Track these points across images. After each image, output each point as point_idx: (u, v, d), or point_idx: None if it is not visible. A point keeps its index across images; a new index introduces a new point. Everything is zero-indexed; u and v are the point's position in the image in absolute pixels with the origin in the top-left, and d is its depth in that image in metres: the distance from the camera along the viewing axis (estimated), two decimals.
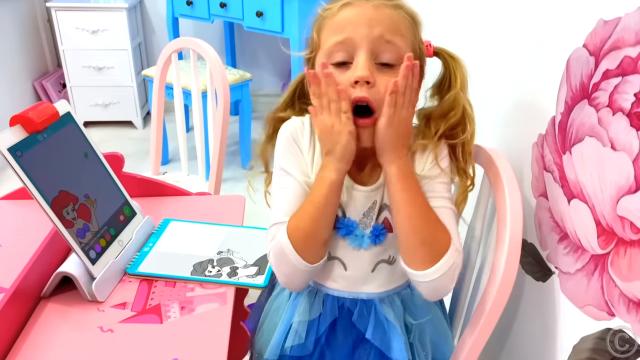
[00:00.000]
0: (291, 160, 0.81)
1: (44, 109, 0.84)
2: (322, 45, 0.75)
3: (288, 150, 0.82)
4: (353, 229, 0.80)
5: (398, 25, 0.72)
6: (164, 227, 1.07)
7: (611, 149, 0.65)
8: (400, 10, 0.73)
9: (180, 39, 1.71)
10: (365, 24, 0.71)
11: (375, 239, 0.80)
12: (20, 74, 3.03)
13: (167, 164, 2.81)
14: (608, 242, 0.67)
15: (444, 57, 0.80)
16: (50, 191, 0.82)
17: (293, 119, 0.84)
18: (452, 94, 0.78)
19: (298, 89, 0.88)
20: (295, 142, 0.82)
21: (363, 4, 0.73)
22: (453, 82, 0.78)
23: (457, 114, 0.78)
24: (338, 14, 0.73)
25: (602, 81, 0.67)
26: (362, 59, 0.71)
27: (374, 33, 0.71)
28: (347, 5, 0.73)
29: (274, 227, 0.79)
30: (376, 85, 0.71)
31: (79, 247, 0.84)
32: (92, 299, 0.85)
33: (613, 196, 0.65)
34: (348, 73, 0.72)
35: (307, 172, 0.81)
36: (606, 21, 0.67)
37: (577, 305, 0.74)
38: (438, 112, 0.79)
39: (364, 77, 0.70)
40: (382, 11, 0.72)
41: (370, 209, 0.80)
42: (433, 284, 0.74)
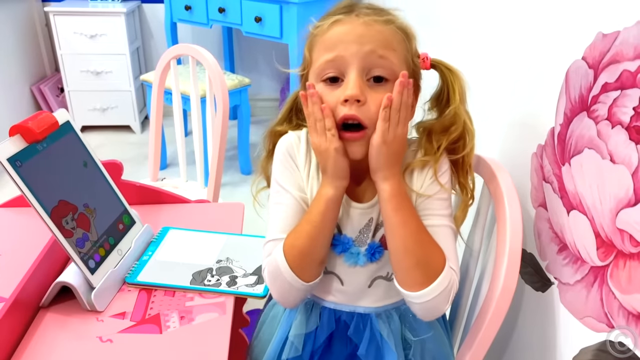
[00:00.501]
0: (287, 176, 0.81)
1: (43, 118, 0.84)
2: (313, 62, 0.75)
3: (284, 166, 0.81)
4: (349, 247, 0.80)
5: (390, 41, 0.72)
6: (162, 236, 1.07)
7: (610, 162, 0.66)
8: (391, 25, 0.72)
9: (179, 46, 1.71)
10: (356, 41, 0.70)
11: (371, 256, 0.80)
12: (18, 78, 3.02)
13: (166, 169, 2.81)
14: (607, 254, 0.67)
15: (441, 69, 0.79)
16: (49, 201, 0.82)
17: (289, 133, 0.84)
18: (452, 108, 0.77)
19: (295, 105, 0.88)
20: (291, 157, 0.82)
21: (353, 20, 0.72)
22: (452, 96, 0.77)
23: (458, 128, 0.77)
24: (328, 32, 0.73)
25: (601, 94, 0.68)
26: (352, 77, 0.70)
27: (364, 49, 0.70)
28: (337, 22, 0.73)
29: (270, 244, 0.79)
30: (367, 103, 0.71)
31: (78, 256, 0.84)
32: (91, 308, 0.85)
33: (612, 209, 0.66)
34: (338, 91, 0.72)
35: (303, 188, 0.81)
36: (605, 34, 0.67)
37: (576, 316, 0.75)
38: (439, 127, 0.79)
39: (354, 96, 0.70)
40: (372, 27, 0.71)
41: (367, 226, 0.80)
42: (427, 305, 0.73)
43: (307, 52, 0.77)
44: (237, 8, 2.56)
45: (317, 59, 0.74)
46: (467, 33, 1.21)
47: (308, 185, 0.81)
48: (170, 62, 1.67)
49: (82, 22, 2.98)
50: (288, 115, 0.88)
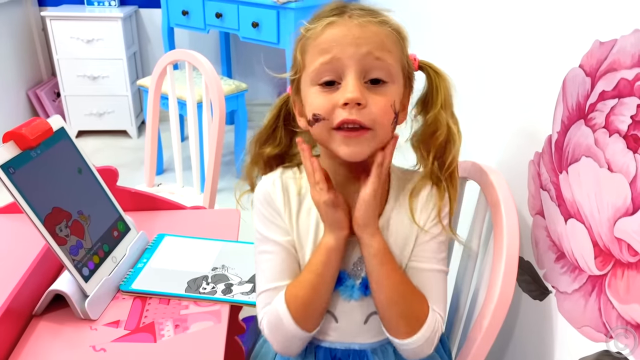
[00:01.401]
0: (267, 225, 0.80)
1: (37, 124, 0.83)
2: (307, 66, 0.72)
3: (263, 216, 0.81)
4: (344, 280, 0.78)
5: (385, 42, 0.70)
6: (158, 243, 1.06)
7: (608, 170, 0.65)
8: (386, 26, 0.71)
9: (175, 51, 1.71)
10: (352, 42, 0.68)
11: (365, 290, 0.78)
12: (14, 83, 3.01)
13: (162, 174, 2.80)
14: (605, 263, 0.67)
15: (428, 72, 0.77)
16: (43, 208, 0.81)
17: (263, 180, 0.83)
18: (431, 114, 0.75)
19: (282, 111, 0.84)
20: (269, 205, 0.80)
21: (347, 22, 0.70)
22: (435, 100, 0.75)
23: (442, 133, 0.75)
24: (322, 34, 0.70)
25: (599, 102, 0.67)
26: (351, 79, 0.68)
27: (361, 51, 0.68)
28: (331, 24, 0.70)
29: (264, 295, 0.79)
30: (368, 106, 0.68)
31: (71, 264, 0.83)
32: (85, 317, 0.84)
33: (610, 217, 0.65)
34: (337, 94, 0.69)
35: (288, 231, 0.80)
36: (602, 42, 0.67)
37: (574, 325, 0.74)
38: (424, 135, 0.77)
39: (354, 99, 0.67)
40: (368, 29, 0.69)
41: (360, 258, 0.78)
42: (412, 350, 0.76)
43: (299, 55, 0.74)
44: (234, 13, 2.56)
45: (311, 62, 0.71)
46: (463, 40, 1.21)
47: (293, 227, 0.79)
48: (167, 67, 1.66)
49: (78, 27, 2.97)
50: (274, 123, 0.84)
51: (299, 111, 0.78)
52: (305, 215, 0.80)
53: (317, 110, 0.70)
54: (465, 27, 1.20)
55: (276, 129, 0.84)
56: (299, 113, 0.79)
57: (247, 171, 0.86)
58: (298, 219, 0.79)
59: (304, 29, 0.73)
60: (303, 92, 0.74)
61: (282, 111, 0.84)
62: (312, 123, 0.72)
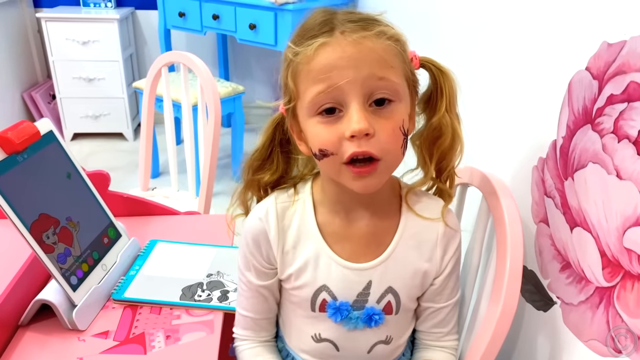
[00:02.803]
0: (246, 264, 0.78)
1: (24, 128, 0.80)
2: (301, 95, 0.66)
3: (244, 254, 0.78)
4: (347, 312, 0.75)
5: (386, 58, 0.63)
6: (150, 249, 1.03)
7: (617, 178, 0.63)
8: (383, 38, 0.63)
9: (171, 53, 1.68)
10: (350, 65, 0.61)
11: (369, 321, 0.75)
12: (9, 84, 2.98)
13: (158, 177, 2.78)
14: (614, 274, 0.64)
15: (431, 69, 0.71)
16: (29, 215, 0.78)
17: (256, 210, 0.77)
18: (436, 119, 0.71)
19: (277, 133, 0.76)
20: (254, 244, 0.76)
21: (341, 41, 0.62)
22: (439, 103, 0.71)
23: (447, 138, 0.71)
24: (315, 58, 0.63)
25: (607, 106, 0.65)
26: (354, 108, 0.62)
27: (362, 74, 0.61)
28: (323, 46, 0.62)
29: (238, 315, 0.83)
30: (376, 134, 0.62)
31: (59, 273, 0.80)
32: (73, 327, 0.81)
33: (619, 227, 0.62)
34: (341, 125, 0.63)
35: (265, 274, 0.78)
36: (610, 44, 0.64)
37: (580, 338, 0.71)
38: (428, 139, 0.73)
39: (362, 131, 0.61)
40: (364, 46, 0.62)
41: (365, 288, 0.74)
42: None
43: (291, 83, 0.66)
44: (232, 15, 2.54)
45: (306, 91, 0.64)
46: (466, 42, 1.18)
47: (287, 260, 0.76)
48: (162, 69, 1.64)
49: (74, 29, 2.95)
50: (269, 146, 0.77)
51: (297, 136, 0.72)
52: (303, 243, 0.75)
53: (323, 146, 0.64)
54: (467, 28, 1.18)
55: (272, 153, 0.77)
56: (298, 138, 0.72)
57: (240, 197, 0.81)
58: (295, 251, 0.75)
59: (292, 53, 0.65)
60: (302, 121, 0.68)
61: (277, 133, 0.77)
62: (319, 157, 0.66)
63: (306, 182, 0.78)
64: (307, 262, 0.75)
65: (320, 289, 0.75)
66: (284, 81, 0.69)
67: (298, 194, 0.77)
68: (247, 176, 0.79)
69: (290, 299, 0.79)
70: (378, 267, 0.74)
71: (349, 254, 0.74)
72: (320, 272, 0.74)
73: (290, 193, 0.77)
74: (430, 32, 1.41)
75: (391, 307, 0.76)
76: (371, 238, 0.74)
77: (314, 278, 0.74)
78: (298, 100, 0.67)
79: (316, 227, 0.74)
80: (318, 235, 0.74)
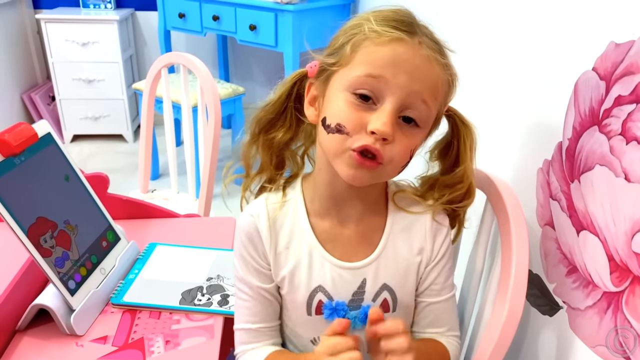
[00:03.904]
0: (246, 266, 0.76)
1: (21, 130, 0.79)
2: (351, 65, 0.65)
3: (242, 256, 0.76)
4: (344, 312, 0.73)
5: (438, 89, 0.65)
6: (149, 252, 1.02)
7: (625, 180, 0.61)
8: (447, 72, 0.66)
9: (170, 54, 1.67)
10: (409, 72, 0.62)
11: (365, 319, 0.72)
12: (8, 86, 2.97)
13: (158, 179, 2.76)
14: (622, 279, 0.63)
15: (454, 121, 0.73)
16: (26, 218, 0.77)
17: (247, 210, 0.76)
18: (462, 168, 0.73)
19: (295, 89, 0.74)
20: (251, 245, 0.75)
21: (417, 48, 0.63)
22: (462, 154, 0.73)
23: (465, 186, 0.73)
24: (386, 45, 0.63)
25: (614, 107, 0.64)
26: (387, 110, 0.62)
27: (413, 87, 0.62)
28: (400, 41, 0.63)
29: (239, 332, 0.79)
30: (393, 143, 0.63)
31: (57, 277, 0.79)
32: (71, 332, 0.80)
33: (627, 230, 0.61)
34: (369, 115, 0.63)
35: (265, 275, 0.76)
36: (618, 44, 0.63)
37: (587, 344, 0.70)
38: (445, 182, 0.75)
39: (385, 134, 0.62)
40: (431, 66, 0.63)
41: (360, 287, 0.73)
42: None
43: (348, 47, 0.65)
44: (232, 16, 2.53)
45: (358, 65, 0.64)
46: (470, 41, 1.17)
47: (280, 264, 0.75)
48: (162, 70, 1.63)
49: (74, 30, 2.94)
50: (285, 102, 0.75)
51: (310, 99, 0.71)
52: (296, 243, 0.74)
53: (344, 122, 0.64)
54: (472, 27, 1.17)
55: (286, 109, 0.75)
56: (310, 101, 0.71)
57: (243, 151, 0.78)
58: (288, 251, 0.74)
59: (369, 27, 0.64)
60: (332, 89, 0.67)
61: (295, 89, 0.74)
62: (331, 131, 0.65)
63: (295, 183, 0.78)
64: (300, 262, 0.74)
65: (315, 289, 0.74)
66: (339, 42, 0.67)
67: (287, 195, 0.77)
68: (255, 130, 0.77)
69: (287, 305, 0.78)
70: (371, 265, 0.74)
71: (341, 254, 0.74)
72: (314, 272, 0.74)
73: (279, 195, 0.77)
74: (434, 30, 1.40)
75: (388, 305, 0.75)
76: (361, 237, 0.74)
77: (308, 279, 0.74)
78: (344, 67, 0.66)
79: (309, 226, 0.74)
80: (311, 235, 0.74)
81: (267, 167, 0.78)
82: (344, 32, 0.67)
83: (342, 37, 0.67)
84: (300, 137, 0.78)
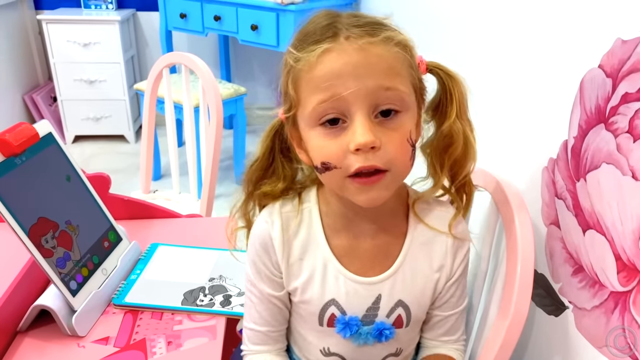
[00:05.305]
0: (258, 274, 0.74)
1: (22, 130, 0.79)
2: (302, 103, 0.62)
3: (254, 263, 0.74)
4: (357, 327, 0.72)
5: (393, 66, 0.60)
6: (151, 253, 1.01)
7: (632, 179, 0.61)
8: (390, 44, 0.60)
9: (172, 54, 1.67)
10: (354, 74, 0.58)
11: (380, 336, 0.72)
12: (10, 87, 2.97)
13: (160, 179, 2.76)
14: (630, 279, 0.62)
15: (439, 74, 0.68)
16: (28, 218, 0.77)
17: (261, 217, 0.74)
18: (446, 125, 0.67)
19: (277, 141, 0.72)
20: (265, 253, 0.73)
21: (346, 47, 0.58)
22: (449, 109, 0.67)
23: (459, 146, 0.68)
24: (317, 66, 0.59)
25: (621, 105, 0.63)
26: (359, 120, 0.58)
27: (368, 85, 0.58)
28: (326, 52, 0.59)
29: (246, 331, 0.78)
30: (383, 146, 0.59)
31: (58, 277, 0.79)
32: (72, 333, 0.80)
33: (635, 229, 0.60)
34: (345, 137, 0.60)
35: (277, 283, 0.74)
36: (625, 41, 0.62)
37: (594, 345, 0.69)
38: (439, 147, 0.70)
39: (368, 144, 0.58)
40: (370, 52, 0.58)
41: (375, 302, 0.72)
42: None
43: (291, 90, 0.63)
44: (233, 16, 2.53)
45: (307, 99, 0.61)
46: (473, 38, 1.16)
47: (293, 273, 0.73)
48: (163, 70, 1.62)
49: (75, 30, 2.94)
50: (270, 156, 0.73)
51: (297, 144, 0.69)
52: (310, 255, 0.72)
53: (326, 159, 0.61)
54: (475, 25, 1.16)
55: (273, 162, 0.73)
56: (298, 146, 0.69)
57: (241, 210, 0.76)
58: (301, 263, 0.72)
59: (293, 59, 0.61)
60: (303, 131, 0.65)
61: (277, 141, 0.72)
62: (321, 171, 0.63)
63: (311, 190, 0.75)
64: (314, 274, 0.72)
65: (328, 303, 0.72)
66: (284, 88, 0.65)
67: (303, 203, 0.74)
68: (249, 189, 0.75)
69: (298, 311, 0.76)
70: (387, 281, 0.71)
71: (357, 268, 0.71)
72: (328, 285, 0.71)
73: (295, 203, 0.74)
74: (437, 30, 1.40)
75: (402, 321, 0.73)
76: (378, 251, 0.72)
77: (322, 292, 0.72)
78: (299, 108, 0.64)
79: (324, 238, 0.72)
80: (326, 247, 0.72)
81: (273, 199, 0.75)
82: (282, 75, 0.65)
83: (282, 82, 0.65)
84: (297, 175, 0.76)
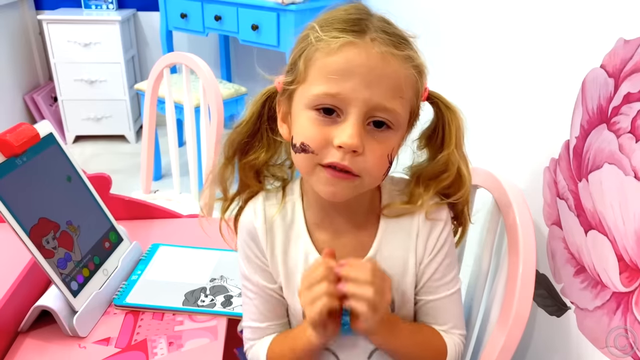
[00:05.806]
0: (250, 265, 0.75)
1: (23, 130, 0.79)
2: (307, 82, 0.62)
3: (245, 254, 0.75)
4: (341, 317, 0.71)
5: (401, 87, 0.61)
6: (152, 253, 1.01)
7: (635, 179, 0.61)
8: (408, 64, 0.61)
9: (172, 54, 1.67)
10: (366, 82, 0.58)
11: None
12: (10, 87, 2.97)
13: (160, 179, 2.76)
14: (632, 279, 0.62)
15: (438, 106, 0.68)
16: (28, 219, 0.77)
17: (246, 211, 0.75)
18: (445, 154, 0.68)
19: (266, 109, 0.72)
20: (253, 242, 0.74)
21: (369, 48, 0.59)
22: (447, 139, 0.68)
23: (450, 176, 0.69)
24: (335, 54, 0.59)
25: (623, 105, 0.63)
26: (352, 122, 0.59)
27: (373, 98, 0.59)
28: (349, 45, 0.59)
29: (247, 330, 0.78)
30: (364, 153, 0.60)
31: (59, 278, 0.79)
32: (73, 334, 0.79)
33: (637, 230, 0.60)
34: (333, 130, 0.60)
35: (269, 274, 0.74)
36: (627, 40, 0.62)
37: (597, 346, 0.69)
38: (429, 172, 0.70)
39: (352, 147, 0.59)
40: (389, 64, 0.59)
41: None
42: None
43: (301, 64, 0.63)
44: (234, 16, 2.52)
45: (313, 82, 0.61)
46: (475, 38, 1.16)
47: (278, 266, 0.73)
48: (164, 70, 1.62)
49: (76, 31, 2.93)
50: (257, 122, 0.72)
51: (282, 116, 0.69)
52: (293, 247, 0.73)
53: (307, 141, 0.62)
54: (477, 24, 1.16)
55: (260, 129, 0.72)
56: (281, 118, 0.69)
57: (219, 173, 0.75)
58: (286, 255, 0.73)
59: (315, 37, 0.61)
60: (295, 107, 0.65)
61: (267, 108, 0.72)
62: (297, 150, 0.63)
63: (295, 184, 0.76)
64: (296, 266, 0.73)
65: None
66: (294, 59, 0.65)
67: (287, 196, 0.74)
68: (229, 153, 0.73)
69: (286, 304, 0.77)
70: None
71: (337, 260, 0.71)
72: None
73: (278, 196, 0.74)
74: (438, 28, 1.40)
75: None
76: (357, 245, 0.72)
77: None
78: (301, 84, 0.63)
79: (306, 231, 0.73)
80: (308, 240, 0.72)
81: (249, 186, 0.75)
82: (297, 46, 0.65)
83: (295, 50, 0.65)
84: (281, 152, 0.75)
